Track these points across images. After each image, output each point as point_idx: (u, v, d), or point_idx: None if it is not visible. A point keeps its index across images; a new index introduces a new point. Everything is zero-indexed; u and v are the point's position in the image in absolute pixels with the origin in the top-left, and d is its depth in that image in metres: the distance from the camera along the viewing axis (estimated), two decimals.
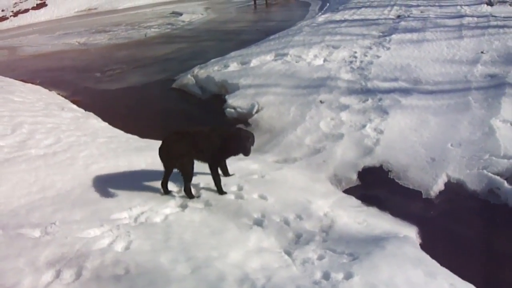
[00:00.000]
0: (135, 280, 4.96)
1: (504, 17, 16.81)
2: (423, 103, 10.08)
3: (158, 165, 6.69)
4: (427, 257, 5.52)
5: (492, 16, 17.24)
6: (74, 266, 5.21)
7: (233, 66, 14.77)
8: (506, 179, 7.21)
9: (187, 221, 6.19)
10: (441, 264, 5.35)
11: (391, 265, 4.98)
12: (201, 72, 14.88)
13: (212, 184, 6.98)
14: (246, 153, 6.63)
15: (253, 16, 31.02)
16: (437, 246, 6.03)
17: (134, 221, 6.24)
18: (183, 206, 6.56)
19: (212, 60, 16.16)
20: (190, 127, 7.55)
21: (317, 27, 18.82)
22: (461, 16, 17.66)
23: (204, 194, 7.00)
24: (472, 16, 17.57)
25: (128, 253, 5.47)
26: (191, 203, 6.63)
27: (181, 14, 33.36)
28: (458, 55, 12.91)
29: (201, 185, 7.20)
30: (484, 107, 9.51)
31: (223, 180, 7.11)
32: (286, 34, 18.58)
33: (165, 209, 6.52)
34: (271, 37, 18.82)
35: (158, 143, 6.86)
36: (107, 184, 7.30)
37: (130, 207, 6.53)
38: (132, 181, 7.48)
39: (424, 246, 5.97)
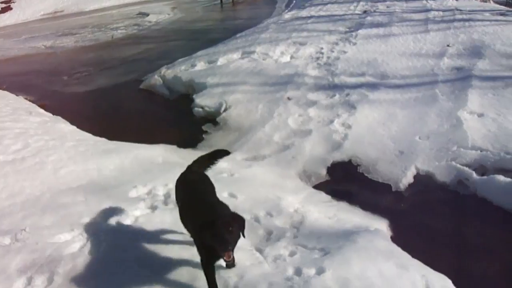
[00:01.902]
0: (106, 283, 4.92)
1: (469, 11, 17.19)
2: (391, 97, 10.20)
3: (126, 167, 6.61)
4: (398, 249, 5.59)
5: (458, 10, 17.60)
6: (46, 272, 5.16)
7: (200, 65, 14.69)
8: (474, 169, 7.36)
9: (158, 222, 6.14)
10: (413, 256, 5.42)
11: (363, 258, 5.03)
12: (168, 72, 14.74)
13: None
14: (222, 248, 4.22)
15: (219, 15, 30.97)
16: (408, 238, 6.09)
17: (104, 224, 6.17)
18: (153, 208, 6.52)
19: (179, 60, 16.05)
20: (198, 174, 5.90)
21: (284, 24, 18.93)
22: (427, 10, 17.98)
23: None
24: (438, 10, 17.90)
25: (99, 256, 5.43)
26: (161, 204, 6.58)
27: (147, 15, 33.10)
28: (424, 49, 13.12)
29: (170, 186, 7.11)
30: (451, 99, 9.67)
31: None
32: (253, 32, 18.63)
33: (135, 211, 6.45)
34: (238, 35, 18.82)
35: (126, 145, 6.78)
36: (76, 188, 7.25)
37: (99, 210, 6.46)
38: (101, 184, 7.45)
39: (395, 239, 6.03)
